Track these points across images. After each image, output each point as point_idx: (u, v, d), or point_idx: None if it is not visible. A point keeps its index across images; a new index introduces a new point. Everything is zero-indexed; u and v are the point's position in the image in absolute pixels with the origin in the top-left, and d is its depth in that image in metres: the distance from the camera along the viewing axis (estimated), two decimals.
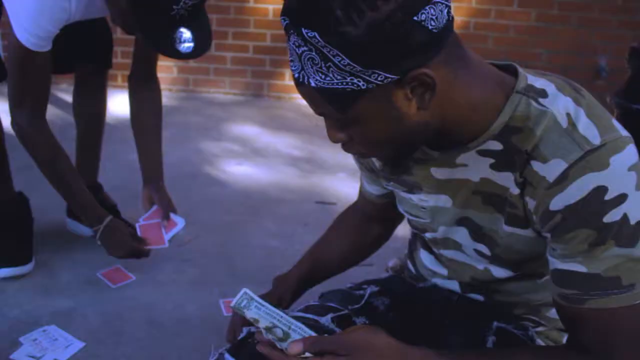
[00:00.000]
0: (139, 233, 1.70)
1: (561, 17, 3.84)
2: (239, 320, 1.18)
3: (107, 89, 1.96)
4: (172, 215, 1.80)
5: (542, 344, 1.11)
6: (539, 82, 0.88)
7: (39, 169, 1.58)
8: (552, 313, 1.10)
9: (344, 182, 2.67)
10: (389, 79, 0.78)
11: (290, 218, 2.26)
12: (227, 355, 0.97)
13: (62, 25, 1.44)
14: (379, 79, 0.78)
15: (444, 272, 1.15)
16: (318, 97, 0.82)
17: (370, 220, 1.32)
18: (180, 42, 1.39)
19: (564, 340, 1.12)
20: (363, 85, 0.78)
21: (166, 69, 3.78)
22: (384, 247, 1.37)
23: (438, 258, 1.15)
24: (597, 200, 0.81)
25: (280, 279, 1.29)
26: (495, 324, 1.07)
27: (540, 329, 1.11)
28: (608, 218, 0.82)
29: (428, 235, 1.11)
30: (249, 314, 0.89)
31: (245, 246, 2.02)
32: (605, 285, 0.84)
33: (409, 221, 1.16)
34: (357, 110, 0.82)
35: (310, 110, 0.89)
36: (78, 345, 1.45)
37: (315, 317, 1.05)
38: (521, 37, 3.89)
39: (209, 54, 3.84)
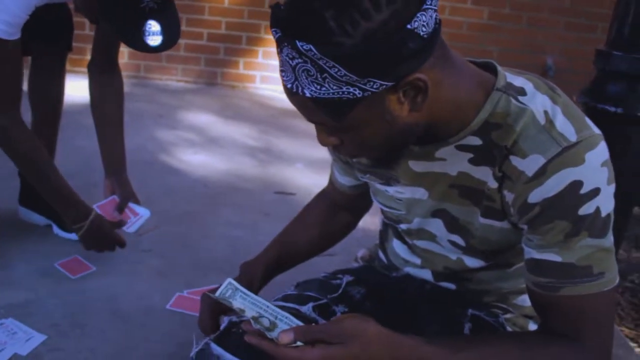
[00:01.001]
0: None
1: (512, 16, 3.95)
2: (209, 310, 1.17)
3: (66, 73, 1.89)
4: (135, 207, 1.76)
5: (510, 330, 1.15)
6: (517, 81, 0.91)
7: (18, 165, 1.52)
8: (520, 300, 1.15)
9: (302, 172, 2.68)
10: (384, 86, 0.79)
11: (250, 208, 2.25)
12: (213, 345, 0.96)
13: (32, 10, 1.38)
14: (374, 86, 0.78)
15: (417, 261, 1.17)
16: (312, 107, 0.82)
17: (338, 209, 1.34)
18: (149, 34, 1.36)
19: (530, 326, 1.17)
20: (359, 93, 0.79)
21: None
22: (347, 238, 1.38)
23: (411, 248, 1.17)
24: (574, 193, 0.85)
25: (247, 265, 1.28)
26: (470, 311, 1.10)
27: (508, 315, 1.15)
28: (583, 210, 0.85)
29: (403, 226, 1.13)
30: (236, 304, 0.89)
31: (208, 236, 2.00)
32: (578, 274, 0.88)
33: (384, 212, 1.18)
34: (351, 117, 0.82)
35: (267, 101, 0.89)
36: (39, 338, 1.40)
37: (296, 306, 1.05)
38: (474, 34, 3.99)
39: None
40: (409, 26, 0.76)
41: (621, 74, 1.47)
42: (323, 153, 2.98)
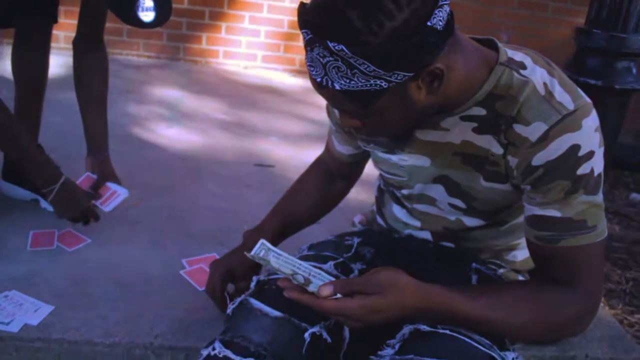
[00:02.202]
0: None
1: None
2: (219, 275, 1.24)
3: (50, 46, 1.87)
4: (114, 186, 1.77)
5: None
6: (517, 56, 1.00)
7: None
8: (511, 256, 1.25)
9: (277, 145, 2.72)
10: (407, 77, 0.87)
11: (231, 180, 2.29)
12: (252, 300, 1.02)
13: None
14: (398, 78, 0.86)
15: (417, 224, 1.25)
16: (340, 97, 0.90)
17: (334, 177, 1.41)
18: (142, 10, 1.38)
19: (519, 279, 1.28)
20: (385, 85, 0.86)
21: (73, 27, 3.60)
22: None
23: (410, 212, 1.26)
24: (573, 156, 0.95)
25: (251, 232, 1.35)
26: (473, 265, 1.19)
27: (501, 270, 1.25)
28: (581, 171, 0.96)
29: (404, 191, 1.21)
30: (272, 263, 0.95)
31: (193, 208, 2.03)
32: (575, 227, 0.99)
33: (385, 179, 1.26)
34: (377, 105, 0.90)
35: (232, 76, 0.96)
36: (47, 308, 1.41)
37: (318, 265, 1.12)
38: None
39: None
40: (428, 23, 0.83)
41: (600, 50, 1.62)
42: (295, 127, 3.04)
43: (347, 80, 0.86)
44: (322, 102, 1.00)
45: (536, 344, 1.47)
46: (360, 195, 1.75)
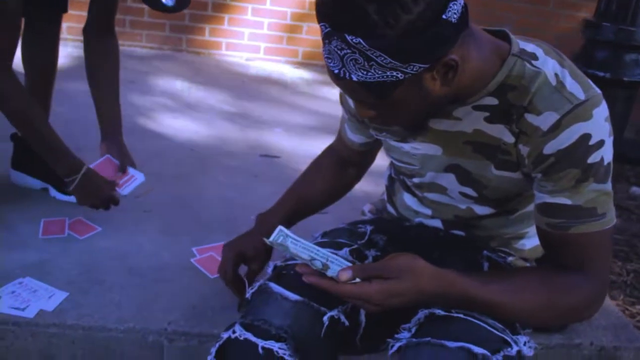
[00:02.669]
0: None
1: None
2: (231, 258, 1.26)
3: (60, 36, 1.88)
4: (131, 170, 1.79)
5: None
6: (529, 47, 1.02)
7: (10, 119, 1.51)
8: (520, 244, 1.27)
9: (282, 136, 2.74)
10: (422, 68, 0.89)
11: (239, 170, 2.31)
12: (272, 284, 1.04)
13: None
14: (414, 69, 0.88)
15: (428, 212, 1.27)
16: (357, 88, 0.92)
17: (346, 164, 1.43)
18: None
19: None
20: (401, 76, 0.88)
21: (78, 19, 3.60)
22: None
23: (421, 200, 1.27)
24: (584, 145, 0.97)
25: (264, 216, 1.37)
26: (484, 252, 1.22)
27: (510, 258, 1.27)
28: (591, 159, 0.98)
29: (415, 180, 1.23)
30: (291, 248, 0.97)
31: (202, 197, 2.05)
32: (585, 214, 1.01)
33: (396, 167, 1.28)
34: (393, 96, 0.92)
35: (235, 68, 0.98)
36: (61, 294, 1.44)
37: (334, 251, 1.14)
38: None
39: (125, 5, 3.73)
40: (443, 16, 0.85)
41: (608, 43, 1.64)
42: (300, 119, 3.06)
43: (364, 72, 0.88)
44: (325, 94, 1.02)
45: (545, 331, 1.51)
46: (366, 186, 1.76)
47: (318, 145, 1.53)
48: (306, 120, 3.03)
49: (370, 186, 2.00)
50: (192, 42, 3.99)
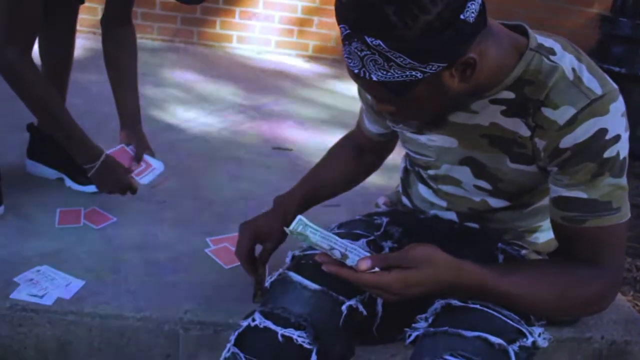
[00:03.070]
0: None
1: None
2: (247, 238, 1.29)
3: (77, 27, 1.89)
4: (150, 159, 1.80)
5: None
6: (547, 42, 1.03)
7: (30, 107, 1.53)
8: (533, 238, 1.28)
9: (293, 129, 2.75)
10: (441, 67, 0.90)
11: (252, 162, 2.32)
12: (291, 273, 1.06)
13: None
14: (433, 68, 0.89)
15: (443, 204, 1.28)
16: (377, 87, 0.93)
17: (364, 151, 1.45)
18: None
19: None
20: (420, 75, 0.89)
21: (90, 11, 3.62)
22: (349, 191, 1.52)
23: (436, 192, 1.29)
24: (600, 139, 0.97)
25: (282, 198, 1.39)
26: (499, 245, 1.23)
27: (524, 252, 1.28)
28: (607, 154, 0.98)
29: (430, 172, 1.24)
30: (311, 238, 0.98)
31: (216, 188, 2.06)
32: (600, 208, 1.01)
33: (412, 158, 1.29)
34: (412, 93, 0.93)
35: (246, 61, 1.00)
36: (79, 283, 1.45)
37: (351, 242, 1.15)
38: None
39: None
40: (462, 16, 0.86)
41: (625, 38, 1.64)
42: (311, 112, 3.07)
43: (384, 72, 0.89)
44: (336, 88, 1.02)
45: (556, 324, 1.52)
46: (379, 179, 1.78)
47: (330, 138, 1.54)
48: (317, 114, 3.04)
49: (382, 180, 2.02)
50: (204, 34, 4.00)
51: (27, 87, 1.49)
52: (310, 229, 0.99)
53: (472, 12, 0.88)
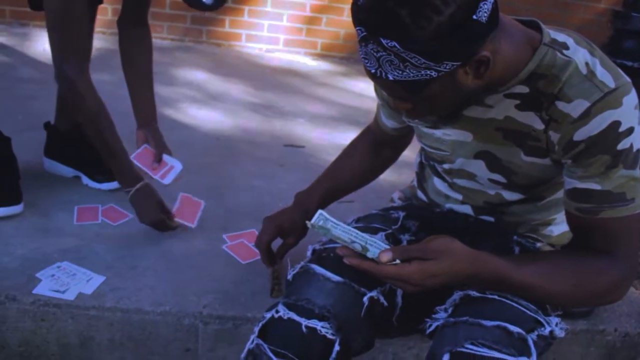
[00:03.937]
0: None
1: None
2: (269, 229, 1.34)
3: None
4: (168, 158, 1.83)
5: None
6: (560, 37, 1.04)
7: (82, 120, 1.56)
8: (547, 231, 1.30)
9: (305, 127, 2.77)
10: (455, 66, 0.92)
11: (265, 159, 2.34)
12: (313, 266, 1.08)
13: None
14: (447, 67, 0.92)
15: (459, 197, 1.30)
16: (393, 86, 0.96)
17: (382, 145, 1.47)
18: None
19: None
20: (434, 74, 0.92)
21: (100, 10, 3.63)
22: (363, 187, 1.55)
23: (451, 186, 1.31)
24: (614, 131, 0.99)
25: (303, 194, 1.43)
26: (515, 237, 1.24)
27: (538, 244, 1.30)
28: (621, 146, 1.00)
29: (445, 166, 1.26)
30: (332, 232, 1.00)
31: (231, 185, 2.09)
32: (614, 199, 1.03)
33: (427, 153, 1.31)
34: (427, 91, 0.96)
35: (255, 59, 1.02)
36: (99, 278, 1.48)
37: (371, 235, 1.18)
38: None
39: None
40: (474, 16, 0.88)
41: (637, 32, 1.66)
42: (322, 109, 3.09)
43: (400, 72, 0.92)
44: (346, 85, 1.04)
45: (569, 317, 1.53)
46: (391, 176, 1.80)
47: (341, 135, 1.57)
48: (328, 111, 3.06)
49: (394, 176, 2.03)
50: (213, 33, 4.02)
51: (82, 101, 1.53)
52: (331, 223, 1.01)
53: (485, 12, 0.90)
